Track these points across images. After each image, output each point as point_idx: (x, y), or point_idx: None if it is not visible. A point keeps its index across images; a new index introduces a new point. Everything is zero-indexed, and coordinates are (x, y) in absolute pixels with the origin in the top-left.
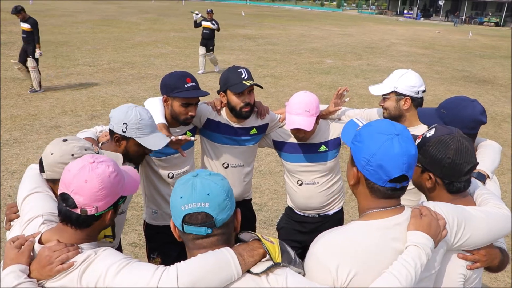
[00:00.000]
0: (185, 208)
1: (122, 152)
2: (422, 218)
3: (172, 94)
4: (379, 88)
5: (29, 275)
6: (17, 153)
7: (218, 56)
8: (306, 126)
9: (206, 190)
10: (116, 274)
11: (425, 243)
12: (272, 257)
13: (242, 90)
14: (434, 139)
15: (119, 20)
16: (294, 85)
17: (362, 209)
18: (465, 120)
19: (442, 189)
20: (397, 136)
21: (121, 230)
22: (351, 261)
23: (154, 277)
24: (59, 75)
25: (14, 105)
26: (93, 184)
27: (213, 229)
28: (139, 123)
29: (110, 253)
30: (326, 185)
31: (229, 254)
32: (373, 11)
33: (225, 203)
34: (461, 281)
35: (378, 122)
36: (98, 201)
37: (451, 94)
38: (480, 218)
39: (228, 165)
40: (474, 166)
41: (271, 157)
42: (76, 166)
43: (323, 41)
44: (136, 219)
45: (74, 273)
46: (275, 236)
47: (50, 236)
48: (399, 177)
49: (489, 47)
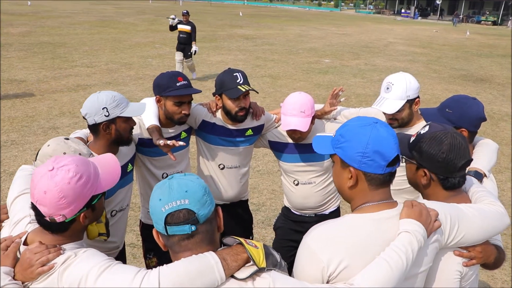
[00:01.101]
0: (166, 208)
1: (115, 136)
2: (413, 208)
3: (164, 94)
4: (391, 105)
5: (14, 277)
6: (15, 154)
7: (216, 57)
8: (302, 127)
9: (184, 188)
10: (97, 277)
11: (416, 229)
12: (256, 262)
13: (237, 96)
14: (428, 136)
15: (117, 21)
16: (292, 85)
17: (356, 205)
18: (472, 118)
19: (437, 185)
20: (377, 123)
21: (124, 229)
22: (343, 252)
23: (135, 281)
24: (57, 76)
25: (12, 107)
26: (52, 194)
27: (197, 225)
28: (115, 100)
29: (90, 254)
30: (323, 184)
31: (213, 259)
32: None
33: (204, 199)
34: (457, 278)
35: (352, 120)
36: (62, 210)
37: (449, 93)
38: (474, 216)
39: (224, 166)
40: (468, 161)
41: (269, 157)
42: (38, 175)
43: (321, 41)
44: (134, 219)
45: (54, 275)
46: (273, 236)
47: (34, 237)
48: (395, 159)
49: (486, 46)
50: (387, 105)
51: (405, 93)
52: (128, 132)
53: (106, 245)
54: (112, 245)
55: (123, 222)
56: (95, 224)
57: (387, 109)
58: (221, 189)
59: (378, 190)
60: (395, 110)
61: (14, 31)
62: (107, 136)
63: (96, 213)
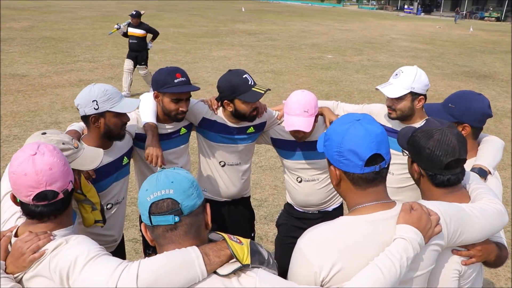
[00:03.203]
0: (150, 198)
1: (104, 130)
2: (412, 212)
3: (162, 90)
4: (394, 90)
5: (6, 270)
6: (17, 149)
7: (218, 52)
8: (305, 128)
9: (170, 179)
10: (84, 265)
11: (413, 237)
12: (239, 258)
13: (256, 100)
14: (421, 130)
15: (119, 16)
16: (295, 80)
17: (350, 206)
18: (475, 114)
19: (427, 181)
20: (358, 121)
21: (122, 223)
22: (336, 255)
23: (114, 274)
24: (59, 71)
25: (14, 101)
26: (57, 167)
27: (180, 217)
28: (106, 94)
29: (81, 241)
30: (326, 181)
31: (194, 253)
32: (374, 7)
33: (190, 191)
34: (456, 277)
35: (340, 118)
36: (70, 175)
37: (452, 89)
38: (476, 217)
39: (225, 164)
40: (458, 160)
41: (271, 153)
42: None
43: (324, 37)
44: (136, 214)
45: (45, 261)
46: (276, 232)
47: (25, 229)
48: (373, 158)
49: (489, 42)
50: (389, 89)
51: (411, 83)
52: (119, 127)
53: (103, 238)
54: (109, 238)
55: (120, 215)
56: (91, 211)
57: (388, 92)
58: (223, 186)
59: (367, 190)
60: (395, 95)
61: (17, 26)
62: (96, 129)
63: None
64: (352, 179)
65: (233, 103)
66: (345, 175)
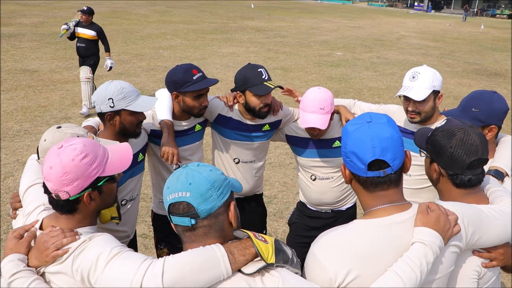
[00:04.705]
0: (169, 198)
1: (119, 128)
2: (429, 214)
3: (183, 90)
4: (419, 92)
5: (28, 264)
6: (28, 144)
7: (228, 49)
8: (321, 125)
9: (189, 180)
10: (107, 263)
11: (432, 240)
12: (264, 257)
13: (266, 93)
14: (442, 129)
15: (128, 12)
16: (304, 77)
17: (363, 207)
18: (499, 113)
19: (447, 181)
20: (368, 123)
21: (135, 219)
22: (350, 262)
23: (139, 271)
24: (69, 67)
25: (25, 97)
26: (56, 170)
27: (197, 219)
28: (122, 92)
29: (105, 239)
30: (340, 180)
31: (219, 252)
32: (383, 4)
33: (209, 193)
34: (475, 278)
35: (355, 117)
36: (65, 186)
37: (462, 87)
38: (496, 218)
39: (239, 161)
40: (481, 160)
41: (281, 150)
42: (48, 153)
43: (333, 34)
44: (146, 210)
45: (69, 259)
46: (285, 229)
47: (49, 222)
48: (377, 163)
49: (501, 40)
50: (414, 92)
51: (432, 82)
52: (135, 125)
53: (116, 234)
54: (122, 234)
55: (133, 212)
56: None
57: (415, 95)
58: None
59: (376, 193)
60: (423, 97)
61: (27, 22)
62: (111, 127)
63: (104, 197)
64: (359, 181)
65: (244, 95)
66: (353, 176)
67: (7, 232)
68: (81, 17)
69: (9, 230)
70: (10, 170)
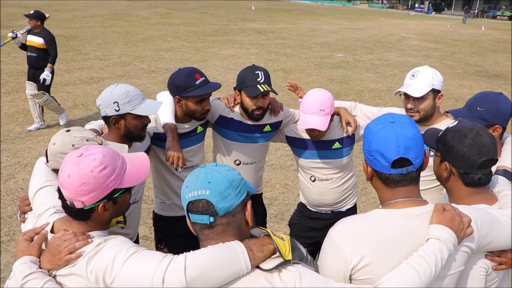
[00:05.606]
0: (188, 196)
1: (124, 131)
2: (444, 213)
3: (185, 94)
4: (417, 89)
5: (40, 266)
6: (29, 146)
7: (228, 51)
8: (321, 126)
9: (208, 178)
10: (124, 262)
11: (447, 237)
12: (282, 254)
13: (255, 95)
14: (453, 129)
15: (129, 14)
16: (304, 79)
17: (382, 201)
18: (505, 114)
19: (457, 179)
20: (392, 123)
21: (138, 222)
22: (366, 248)
23: (160, 267)
24: (70, 69)
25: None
26: (74, 180)
27: (215, 217)
28: (127, 96)
29: (119, 241)
30: (340, 181)
31: (239, 248)
32: (384, 5)
33: (227, 192)
34: (483, 275)
35: (378, 117)
36: (81, 196)
37: (463, 88)
38: (505, 221)
39: (240, 162)
40: (491, 160)
41: (282, 151)
42: (66, 159)
43: (334, 35)
44: (147, 212)
45: (83, 261)
46: (286, 231)
47: (61, 226)
48: (400, 161)
49: (502, 41)
50: (413, 89)
51: (431, 81)
52: (140, 129)
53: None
54: (126, 236)
55: (136, 214)
56: None
57: (413, 91)
58: None
59: (396, 189)
60: (419, 94)
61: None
62: (116, 130)
63: (118, 208)
64: (381, 178)
65: (240, 94)
66: (375, 173)
67: (8, 234)
68: (30, 23)
69: (9, 232)
70: (11, 172)
